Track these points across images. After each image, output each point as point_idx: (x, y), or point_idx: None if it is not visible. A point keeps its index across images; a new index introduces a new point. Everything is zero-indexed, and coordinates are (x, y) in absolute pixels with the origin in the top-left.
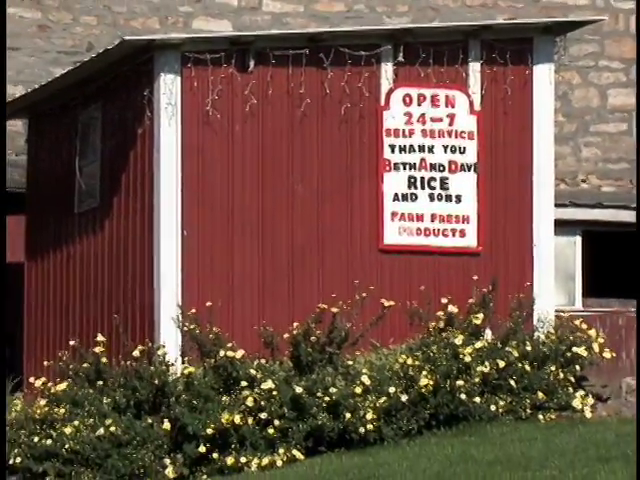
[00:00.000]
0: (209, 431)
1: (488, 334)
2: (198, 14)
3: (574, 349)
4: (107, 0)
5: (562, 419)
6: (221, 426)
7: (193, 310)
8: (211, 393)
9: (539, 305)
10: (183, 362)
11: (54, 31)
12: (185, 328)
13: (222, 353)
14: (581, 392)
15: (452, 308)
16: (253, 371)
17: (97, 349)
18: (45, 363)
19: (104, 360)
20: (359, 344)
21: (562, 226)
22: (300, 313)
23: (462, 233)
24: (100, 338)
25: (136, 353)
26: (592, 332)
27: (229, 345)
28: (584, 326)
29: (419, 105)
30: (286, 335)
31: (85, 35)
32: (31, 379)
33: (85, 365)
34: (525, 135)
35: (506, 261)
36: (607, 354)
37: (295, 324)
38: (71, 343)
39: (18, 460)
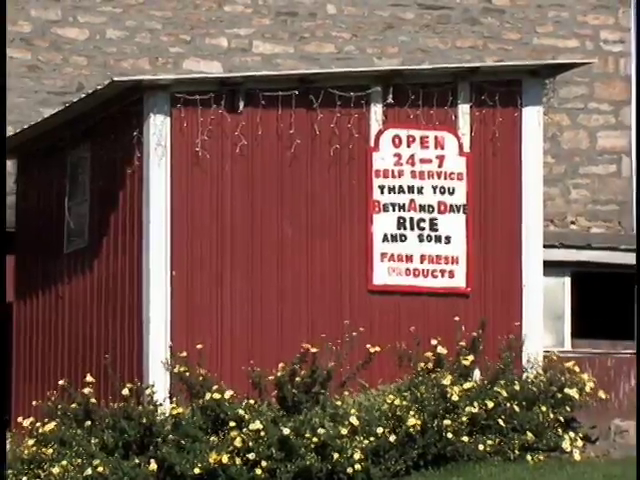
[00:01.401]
0: (197, 471)
1: (477, 375)
2: (188, 55)
3: (566, 390)
4: (97, 41)
5: (551, 460)
6: (209, 466)
7: (184, 353)
8: (199, 433)
9: (528, 346)
10: (171, 402)
11: (44, 71)
12: (175, 370)
13: (209, 396)
14: (570, 433)
15: (441, 349)
16: (241, 412)
17: (86, 390)
18: (34, 403)
19: (93, 400)
20: (347, 385)
21: (551, 267)
22: (289, 353)
23: (451, 274)
24: (89, 379)
25: (125, 392)
26: (584, 376)
27: (216, 387)
28: (576, 369)
29: (408, 146)
30: (271, 377)
31: (75, 75)
32: (19, 419)
33: (74, 405)
34: (514, 176)
35: (495, 302)
36: (602, 394)
37: (280, 365)
38: (60, 383)
39: None
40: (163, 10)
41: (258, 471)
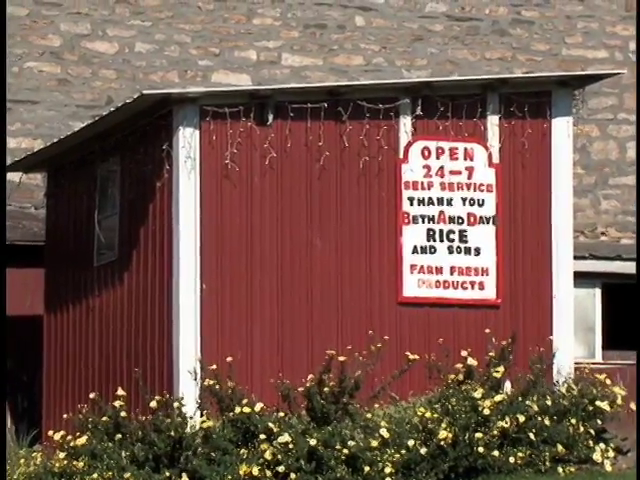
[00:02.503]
0: None
1: (507, 387)
2: (217, 68)
3: (597, 403)
4: (126, 54)
5: (582, 472)
6: (239, 478)
7: (214, 366)
8: (229, 446)
9: (559, 358)
10: (201, 415)
11: (73, 85)
12: (205, 383)
13: (239, 410)
14: (601, 445)
15: (471, 361)
16: (271, 424)
17: (117, 403)
18: (64, 416)
19: (123, 414)
20: (379, 396)
21: (581, 278)
22: (319, 366)
23: (481, 285)
24: (120, 392)
25: (153, 404)
26: (616, 389)
27: (245, 401)
28: (608, 381)
29: (438, 158)
30: (300, 388)
31: (104, 89)
32: (50, 432)
33: (104, 418)
34: (544, 187)
35: (525, 313)
36: (633, 406)
37: (310, 376)
38: (91, 396)
39: None
40: (192, 23)
41: None
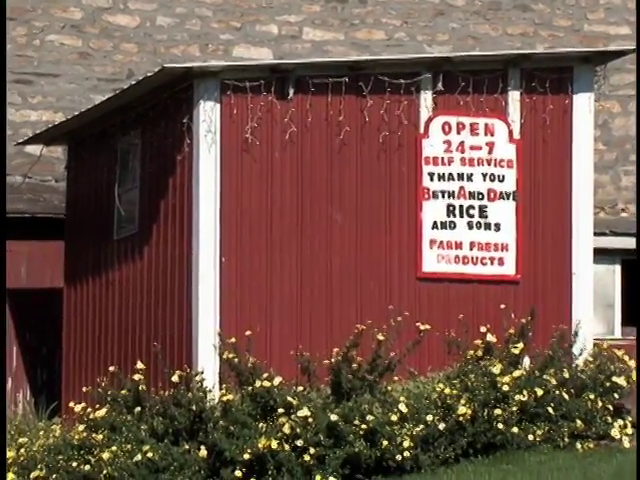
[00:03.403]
0: (246, 457)
1: (526, 362)
2: (238, 42)
3: (614, 379)
4: (147, 28)
5: (600, 448)
6: (258, 452)
7: (232, 339)
8: (248, 420)
9: (578, 334)
10: (221, 389)
11: (94, 58)
12: (224, 357)
13: (259, 384)
14: (620, 421)
15: (490, 337)
16: (290, 398)
17: (136, 376)
18: (84, 389)
19: (143, 387)
20: (397, 371)
21: (601, 254)
22: (338, 340)
23: (501, 261)
24: (139, 365)
25: (175, 378)
26: (632, 363)
27: (265, 375)
28: (626, 357)
29: (458, 133)
30: (326, 361)
31: (125, 62)
32: (71, 404)
33: (124, 392)
34: (564, 164)
35: (545, 289)
36: None
37: (335, 350)
38: (110, 369)
39: None
40: None
41: (307, 457)
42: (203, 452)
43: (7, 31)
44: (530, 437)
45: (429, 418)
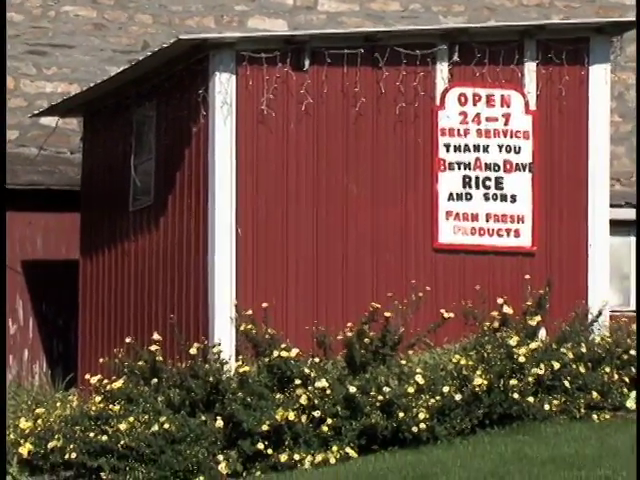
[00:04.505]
0: (264, 428)
1: (542, 334)
2: (253, 13)
3: (631, 352)
4: None
5: (616, 419)
6: (275, 423)
7: (250, 312)
8: (265, 391)
9: (594, 306)
10: (237, 360)
11: (109, 29)
12: (241, 328)
13: (276, 353)
14: (635, 392)
15: (507, 309)
16: (307, 370)
17: (153, 347)
18: (100, 360)
19: (159, 358)
20: (415, 345)
21: (617, 226)
22: (354, 312)
23: (517, 233)
24: (156, 337)
25: (193, 350)
26: None
27: (283, 346)
28: None
29: (474, 105)
30: (340, 336)
31: (140, 34)
32: (87, 376)
33: (140, 363)
34: (580, 135)
35: (560, 261)
36: None
37: (349, 324)
38: (127, 340)
39: (73, 455)
40: None
41: (324, 428)
42: (220, 423)
43: (22, 2)
44: (546, 407)
45: (445, 389)
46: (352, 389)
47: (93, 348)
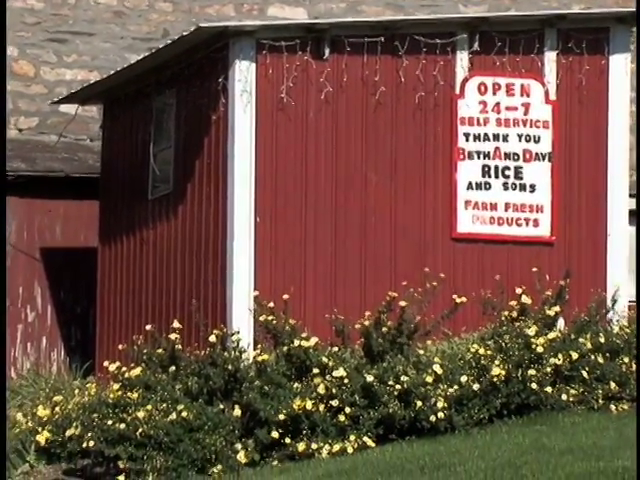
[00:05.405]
0: (281, 417)
1: (561, 324)
2: (273, 1)
3: None
4: None
5: (634, 409)
6: (293, 412)
7: (271, 304)
8: (283, 380)
9: (612, 296)
10: (255, 349)
11: (129, 17)
12: (261, 318)
13: (296, 343)
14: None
15: (525, 299)
16: (325, 359)
17: (172, 335)
18: (120, 347)
19: (179, 347)
20: (432, 334)
21: (636, 216)
22: (372, 301)
23: (536, 223)
24: (176, 324)
25: (212, 338)
26: None
27: (303, 335)
28: None
29: (494, 94)
30: (357, 325)
31: (160, 22)
32: (105, 363)
33: (159, 351)
34: (600, 125)
35: (579, 251)
36: None
37: (367, 314)
38: (147, 328)
39: (91, 443)
40: None
41: (341, 417)
42: (237, 411)
43: None
44: (564, 397)
45: (463, 379)
46: (370, 378)
47: (111, 336)
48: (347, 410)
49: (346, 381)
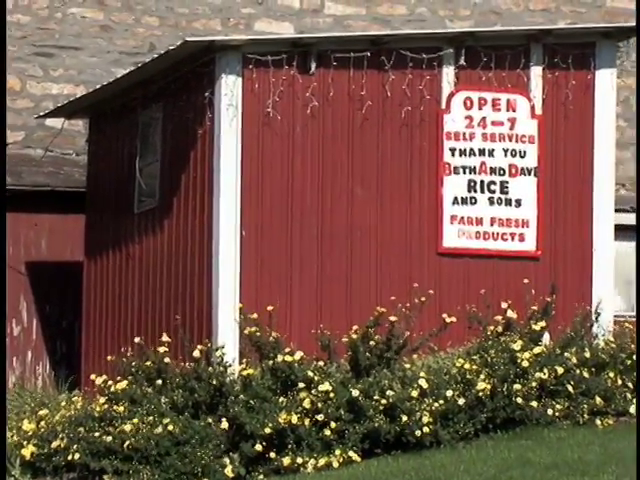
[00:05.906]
0: (267, 431)
1: (546, 338)
2: (260, 16)
3: (634, 357)
4: (169, 1)
5: (619, 424)
6: (278, 426)
7: (255, 315)
8: (268, 394)
9: (600, 314)
10: (241, 363)
11: (116, 31)
12: (246, 331)
13: (280, 358)
14: (636, 399)
15: (511, 313)
16: (310, 373)
17: (161, 349)
18: (108, 358)
19: (167, 360)
20: (419, 350)
21: (622, 231)
22: (358, 315)
23: (521, 237)
24: (165, 338)
25: (196, 353)
26: None
27: (288, 350)
28: None
29: (480, 109)
30: (345, 339)
31: (147, 36)
32: (92, 376)
33: (148, 364)
34: (586, 140)
35: (565, 266)
36: None
37: (354, 327)
38: (136, 340)
39: (77, 456)
40: None
41: (327, 432)
42: (225, 424)
43: (29, 4)
44: (549, 412)
45: (449, 394)
46: (355, 393)
47: (97, 350)
48: (333, 424)
49: (332, 395)
